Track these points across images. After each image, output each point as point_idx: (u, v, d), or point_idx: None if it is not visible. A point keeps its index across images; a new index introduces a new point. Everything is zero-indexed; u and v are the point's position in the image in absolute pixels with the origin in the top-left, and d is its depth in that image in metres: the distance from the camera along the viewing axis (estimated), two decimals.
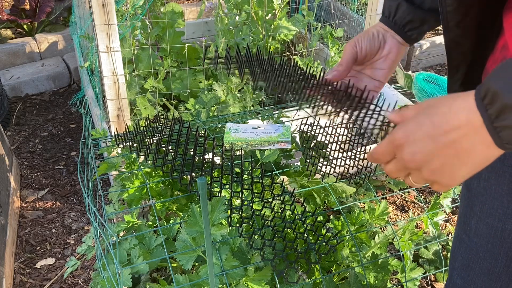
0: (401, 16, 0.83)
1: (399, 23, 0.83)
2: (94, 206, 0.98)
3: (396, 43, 0.85)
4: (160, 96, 2.18)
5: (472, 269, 0.80)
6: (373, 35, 0.85)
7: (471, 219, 0.78)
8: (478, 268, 0.80)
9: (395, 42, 0.85)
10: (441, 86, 1.86)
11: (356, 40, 0.86)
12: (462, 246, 0.82)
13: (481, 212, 0.76)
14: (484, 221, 0.76)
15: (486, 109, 0.48)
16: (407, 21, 0.83)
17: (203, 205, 0.67)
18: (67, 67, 2.90)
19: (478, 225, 0.77)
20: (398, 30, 0.84)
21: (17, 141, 2.43)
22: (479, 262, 0.79)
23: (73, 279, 1.70)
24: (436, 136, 0.52)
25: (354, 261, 1.13)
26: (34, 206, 2.02)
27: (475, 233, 0.78)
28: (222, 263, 0.90)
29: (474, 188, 0.77)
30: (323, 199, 1.16)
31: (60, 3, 3.13)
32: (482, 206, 0.76)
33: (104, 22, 1.57)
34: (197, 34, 2.88)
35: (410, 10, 0.82)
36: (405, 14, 0.82)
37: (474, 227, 0.78)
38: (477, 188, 0.76)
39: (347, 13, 2.92)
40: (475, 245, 0.79)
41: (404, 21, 0.83)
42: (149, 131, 1.15)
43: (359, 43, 0.86)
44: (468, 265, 0.81)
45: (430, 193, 2.05)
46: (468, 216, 0.79)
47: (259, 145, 1.13)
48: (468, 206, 0.79)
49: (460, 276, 0.83)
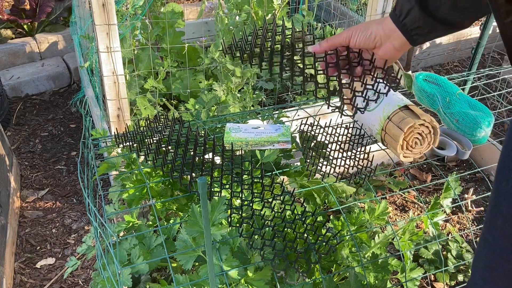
0: (412, 20, 0.83)
1: (408, 25, 0.83)
2: (94, 206, 0.98)
3: (392, 49, 0.86)
4: (160, 96, 2.18)
5: (495, 270, 0.80)
6: (370, 35, 0.86)
7: (498, 220, 0.78)
8: (501, 270, 0.79)
9: (390, 48, 0.86)
10: (441, 86, 1.85)
11: (354, 32, 0.88)
12: (487, 246, 0.81)
13: (507, 212, 0.75)
14: (510, 222, 0.75)
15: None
16: (416, 26, 0.83)
17: (203, 205, 0.67)
18: (67, 67, 2.90)
19: (504, 226, 0.77)
20: (405, 32, 0.84)
21: (17, 141, 2.43)
22: (503, 264, 0.78)
23: (73, 279, 1.70)
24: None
25: (354, 261, 1.13)
26: (34, 206, 2.02)
27: (501, 234, 0.77)
28: (222, 263, 0.90)
29: (502, 188, 0.76)
30: (323, 199, 1.16)
31: (60, 3, 3.13)
32: (509, 207, 0.75)
33: (104, 22, 1.57)
34: (197, 34, 2.88)
35: (422, 16, 0.82)
36: (416, 19, 0.82)
37: (500, 228, 0.77)
38: (505, 188, 0.75)
39: (347, 13, 2.92)
40: (500, 247, 0.78)
41: (413, 26, 0.83)
42: (149, 131, 1.15)
43: (354, 38, 0.88)
44: (491, 266, 0.80)
45: (430, 193, 2.05)
46: (494, 216, 0.79)
47: (259, 145, 1.13)
48: (496, 207, 0.78)
49: (482, 277, 0.83)
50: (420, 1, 0.81)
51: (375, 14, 2.06)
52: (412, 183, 2.10)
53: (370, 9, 2.08)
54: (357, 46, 0.88)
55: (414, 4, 0.81)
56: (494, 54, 3.13)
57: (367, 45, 0.87)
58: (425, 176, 2.14)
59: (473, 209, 1.96)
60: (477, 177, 2.14)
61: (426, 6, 0.81)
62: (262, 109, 1.73)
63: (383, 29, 0.86)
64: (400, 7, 0.84)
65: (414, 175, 2.16)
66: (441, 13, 0.80)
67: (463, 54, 3.15)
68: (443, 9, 0.80)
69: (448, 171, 2.17)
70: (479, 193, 2.04)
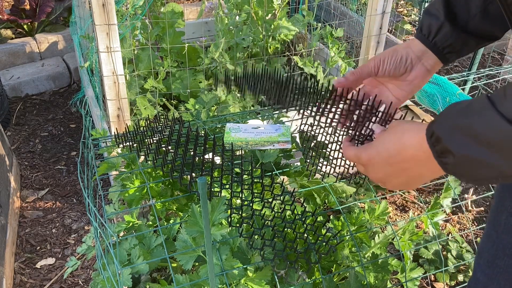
0: (443, 38, 0.79)
1: (439, 45, 0.79)
2: (94, 206, 0.98)
3: (424, 71, 0.81)
4: (160, 96, 2.18)
5: (497, 266, 0.80)
6: (401, 59, 0.81)
7: (502, 215, 0.78)
8: (503, 265, 0.79)
9: (422, 70, 0.81)
10: (441, 86, 1.86)
11: (383, 59, 0.82)
12: (490, 242, 0.81)
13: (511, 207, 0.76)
14: None
15: (433, 146, 0.57)
16: (449, 44, 0.79)
17: (203, 205, 0.67)
18: (67, 67, 2.90)
19: (508, 221, 0.77)
20: (437, 52, 0.80)
21: (17, 141, 2.43)
22: (505, 260, 0.78)
23: (73, 279, 1.70)
24: (392, 163, 0.64)
25: (354, 261, 1.13)
26: (34, 206, 2.02)
27: (504, 229, 0.78)
28: (222, 263, 0.90)
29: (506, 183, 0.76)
30: (323, 199, 1.16)
31: (60, 3, 3.13)
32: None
33: (104, 22, 1.57)
34: (197, 34, 2.88)
35: (453, 32, 0.78)
36: (447, 37, 0.78)
37: (504, 223, 0.77)
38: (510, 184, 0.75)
39: (347, 13, 2.92)
40: (502, 242, 0.78)
41: (445, 44, 0.79)
42: (149, 131, 1.15)
43: (384, 64, 0.82)
44: (493, 261, 0.80)
45: (430, 193, 2.05)
46: (499, 211, 0.79)
47: (259, 145, 1.13)
48: (500, 202, 0.78)
49: (484, 273, 0.83)
50: (449, 17, 0.78)
51: (375, 14, 2.06)
52: None
53: (370, 9, 2.08)
54: (387, 73, 0.82)
55: (444, 21, 0.78)
56: (494, 54, 3.13)
57: (398, 71, 0.82)
58: None
59: (473, 209, 1.96)
60: None
61: (456, 21, 0.77)
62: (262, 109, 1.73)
63: (413, 51, 0.81)
64: (428, 26, 0.79)
65: None
66: (472, 26, 0.77)
67: None
68: (474, 21, 0.77)
69: None
70: (479, 193, 2.04)
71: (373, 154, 0.67)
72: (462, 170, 0.55)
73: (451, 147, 0.53)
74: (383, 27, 2.11)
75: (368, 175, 0.70)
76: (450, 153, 0.54)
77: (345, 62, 2.21)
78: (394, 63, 0.81)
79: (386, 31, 2.14)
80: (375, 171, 0.68)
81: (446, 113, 0.56)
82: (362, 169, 0.71)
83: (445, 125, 0.55)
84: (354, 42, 2.81)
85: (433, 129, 0.56)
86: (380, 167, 0.66)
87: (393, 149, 0.63)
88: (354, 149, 0.71)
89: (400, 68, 0.81)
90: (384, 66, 0.82)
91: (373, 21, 2.09)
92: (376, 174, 0.68)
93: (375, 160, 0.66)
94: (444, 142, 0.54)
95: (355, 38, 2.85)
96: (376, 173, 0.68)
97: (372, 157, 0.67)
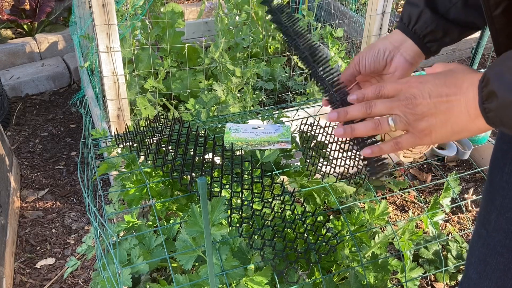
0: (423, 25, 0.77)
1: (419, 32, 0.78)
2: (94, 206, 0.98)
3: (403, 61, 0.80)
4: (160, 96, 2.18)
5: (489, 264, 0.80)
6: (378, 52, 0.80)
7: (491, 214, 0.78)
8: (494, 263, 0.79)
9: (402, 61, 0.80)
10: None
11: (361, 57, 0.81)
12: (480, 240, 0.81)
13: (501, 206, 0.75)
14: (504, 216, 0.75)
15: (482, 90, 0.56)
16: (429, 31, 0.77)
17: (203, 205, 0.67)
18: (67, 67, 2.90)
19: (498, 220, 0.76)
20: (417, 41, 0.79)
21: (17, 141, 2.43)
22: (496, 257, 0.78)
23: (73, 279, 1.70)
24: (442, 93, 0.60)
25: (354, 261, 1.13)
26: (34, 206, 2.02)
27: (494, 227, 0.77)
28: (222, 263, 0.90)
29: (496, 181, 0.76)
30: (323, 199, 1.16)
31: (60, 3, 3.13)
32: (503, 200, 0.75)
33: (104, 22, 1.57)
34: (197, 34, 2.88)
35: (434, 19, 0.76)
36: (428, 24, 0.77)
37: (494, 222, 0.77)
38: (499, 182, 0.75)
39: (347, 13, 2.92)
40: (493, 240, 0.78)
41: (425, 31, 0.78)
42: (149, 131, 1.15)
43: (363, 61, 0.81)
44: (485, 260, 0.80)
45: (430, 193, 2.05)
46: (488, 210, 0.79)
47: (259, 145, 1.13)
48: (490, 200, 0.78)
49: (476, 271, 0.83)
50: (429, 4, 0.77)
51: (375, 14, 2.06)
52: (412, 183, 2.10)
53: (370, 9, 2.08)
54: (368, 69, 0.81)
55: (423, 8, 0.77)
56: (494, 54, 3.13)
57: (378, 64, 0.80)
58: (425, 176, 2.14)
59: (473, 209, 1.96)
60: (477, 177, 2.14)
61: (436, 8, 0.76)
62: (262, 109, 1.73)
63: (390, 42, 0.80)
64: (408, 14, 0.78)
65: (414, 175, 2.16)
66: (453, 13, 0.76)
67: (463, 54, 3.15)
68: (456, 9, 0.76)
69: (448, 171, 2.17)
70: (479, 193, 2.04)
71: (429, 78, 0.62)
72: (504, 115, 0.54)
73: (496, 88, 0.53)
74: (383, 27, 2.11)
75: (403, 101, 0.63)
76: (495, 96, 0.54)
77: (345, 62, 2.21)
78: (372, 57, 0.81)
79: (386, 31, 2.14)
80: (418, 94, 0.61)
81: (501, 58, 0.56)
82: (402, 104, 0.64)
83: (496, 69, 0.55)
84: (354, 42, 2.81)
85: (486, 71, 0.56)
86: (427, 90, 0.61)
87: (451, 80, 0.60)
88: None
89: (380, 61, 0.80)
90: (364, 62, 0.82)
91: (373, 21, 2.09)
92: (416, 99, 0.62)
93: (429, 81, 0.62)
94: (491, 83, 0.54)
95: (355, 38, 2.85)
96: (419, 98, 0.61)
97: (427, 79, 0.62)
